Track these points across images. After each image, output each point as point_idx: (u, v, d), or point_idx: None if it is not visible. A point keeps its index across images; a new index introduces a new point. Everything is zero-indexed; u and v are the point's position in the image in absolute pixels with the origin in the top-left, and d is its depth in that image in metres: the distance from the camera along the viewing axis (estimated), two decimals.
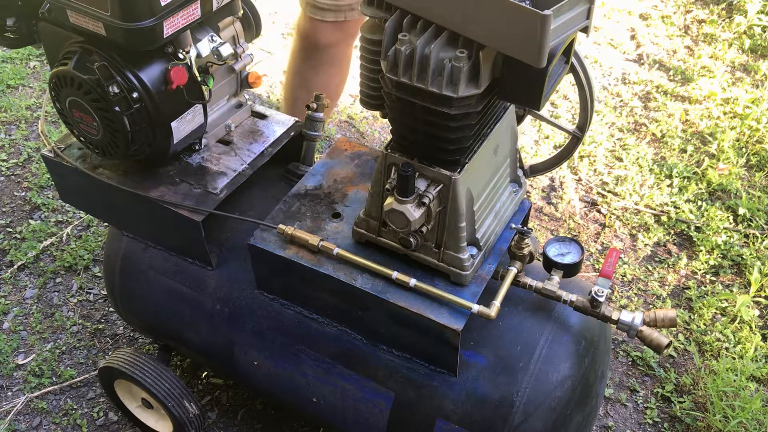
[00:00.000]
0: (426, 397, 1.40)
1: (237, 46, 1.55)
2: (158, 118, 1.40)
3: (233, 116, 1.65)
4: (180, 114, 1.43)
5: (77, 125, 1.45)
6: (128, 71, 1.35)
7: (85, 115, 1.40)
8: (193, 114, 1.46)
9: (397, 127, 1.23)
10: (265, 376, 1.58)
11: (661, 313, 1.34)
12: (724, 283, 2.40)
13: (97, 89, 1.34)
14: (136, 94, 1.35)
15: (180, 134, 1.46)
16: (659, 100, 3.13)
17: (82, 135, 1.47)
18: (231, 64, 1.56)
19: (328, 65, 2.20)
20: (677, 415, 2.04)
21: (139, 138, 1.41)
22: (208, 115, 1.55)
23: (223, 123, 1.63)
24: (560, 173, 2.76)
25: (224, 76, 1.58)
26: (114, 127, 1.38)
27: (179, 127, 1.44)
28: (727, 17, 3.65)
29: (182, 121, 1.44)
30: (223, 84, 1.59)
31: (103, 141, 1.43)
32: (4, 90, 2.98)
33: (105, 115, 1.37)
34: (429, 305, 1.30)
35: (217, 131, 1.62)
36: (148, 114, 1.38)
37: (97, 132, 1.41)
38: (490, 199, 1.36)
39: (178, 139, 1.47)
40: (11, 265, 2.30)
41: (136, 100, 1.36)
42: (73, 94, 1.38)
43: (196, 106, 1.46)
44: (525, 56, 1.02)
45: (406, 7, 1.10)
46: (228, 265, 1.58)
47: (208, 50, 1.45)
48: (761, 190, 2.73)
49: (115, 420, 1.95)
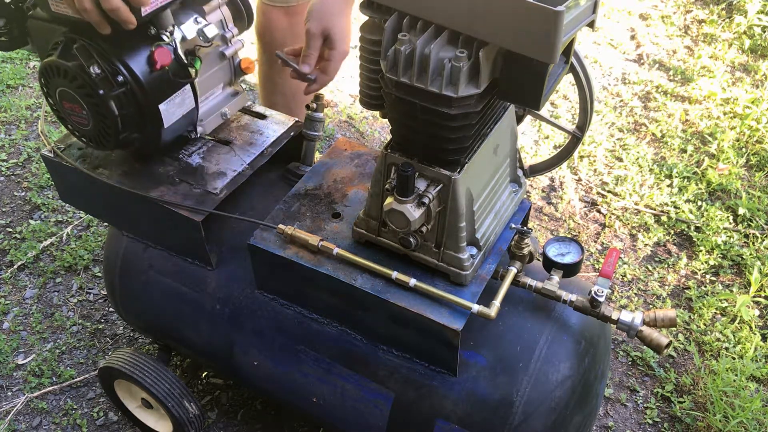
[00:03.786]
0: (426, 397, 1.40)
1: (225, 31, 1.54)
2: (145, 101, 1.39)
3: (229, 104, 1.63)
4: (168, 96, 1.42)
5: (69, 118, 1.45)
6: (112, 55, 1.34)
7: (74, 105, 1.40)
8: (182, 97, 1.45)
9: (397, 127, 1.23)
10: (265, 376, 1.58)
11: (661, 313, 1.34)
12: (724, 283, 2.40)
13: (81, 74, 1.34)
14: (121, 77, 1.35)
15: (170, 118, 1.45)
16: (659, 100, 3.13)
17: (74, 127, 1.47)
18: (221, 49, 1.54)
19: None
20: (677, 415, 2.04)
21: (129, 124, 1.40)
22: (203, 104, 1.54)
23: (218, 111, 1.61)
24: (560, 173, 2.76)
25: (216, 62, 1.56)
26: (102, 113, 1.37)
27: (168, 110, 1.43)
28: (727, 17, 3.65)
29: (171, 104, 1.43)
30: (215, 71, 1.57)
31: (94, 130, 1.42)
32: (4, 90, 2.98)
33: (91, 100, 1.36)
34: (429, 305, 1.30)
35: (212, 119, 1.60)
36: (135, 97, 1.38)
37: (87, 121, 1.41)
38: (490, 199, 1.36)
39: (169, 124, 1.45)
40: (11, 265, 2.30)
41: (122, 84, 1.35)
42: (60, 84, 1.38)
43: (185, 88, 1.45)
44: (538, 53, 1.02)
45: (407, 9, 1.10)
46: (228, 265, 1.58)
47: (194, 32, 1.44)
48: (761, 190, 2.73)
49: (115, 420, 1.95)
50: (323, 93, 1.65)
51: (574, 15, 1.03)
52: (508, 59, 1.09)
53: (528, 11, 0.98)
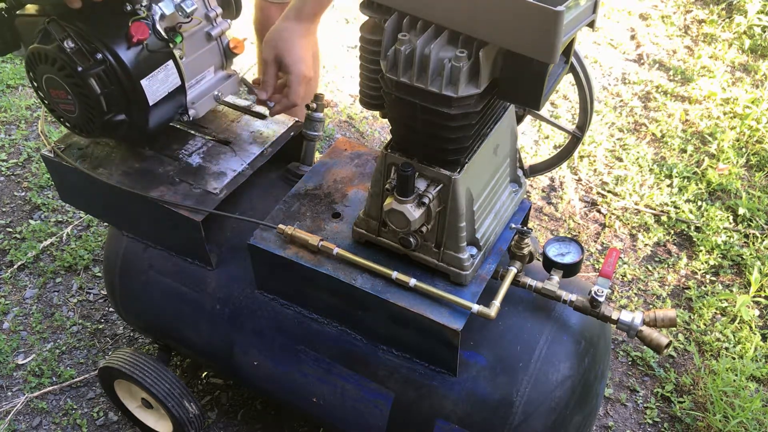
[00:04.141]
0: (426, 397, 1.40)
1: (208, 10, 1.54)
2: (126, 77, 1.39)
3: (221, 86, 1.63)
4: (149, 72, 1.42)
5: (58, 107, 1.46)
6: (90, 34, 1.35)
7: (60, 92, 1.41)
8: (165, 73, 1.45)
9: (397, 127, 1.23)
10: (265, 376, 1.58)
11: (661, 313, 1.34)
12: (724, 283, 2.40)
13: (59, 55, 1.35)
14: (100, 55, 1.36)
15: (155, 95, 1.45)
16: (659, 100, 3.13)
17: (63, 117, 1.48)
18: (206, 29, 1.54)
19: None
20: (677, 415, 2.04)
21: (114, 104, 1.41)
22: (195, 87, 1.54)
23: (211, 93, 1.61)
24: (560, 173, 2.76)
25: (202, 43, 1.56)
26: (84, 93, 1.38)
27: (151, 86, 1.43)
28: (727, 17, 3.65)
29: (154, 80, 1.43)
30: (203, 52, 1.56)
31: (80, 115, 1.43)
32: (4, 90, 2.98)
33: (72, 80, 1.37)
34: (429, 305, 1.30)
35: (205, 102, 1.60)
36: (115, 73, 1.38)
37: (74, 107, 1.42)
38: (490, 199, 1.36)
39: (154, 101, 1.45)
40: (11, 265, 2.31)
41: (101, 61, 1.36)
42: (45, 72, 1.39)
43: (167, 64, 1.45)
44: (538, 54, 1.02)
45: (407, 10, 1.10)
46: (228, 265, 1.58)
47: (172, 8, 1.44)
48: (761, 190, 2.73)
49: (115, 420, 1.95)
50: (323, 93, 1.65)
51: (574, 15, 1.03)
52: (508, 59, 1.09)
53: (528, 11, 0.98)
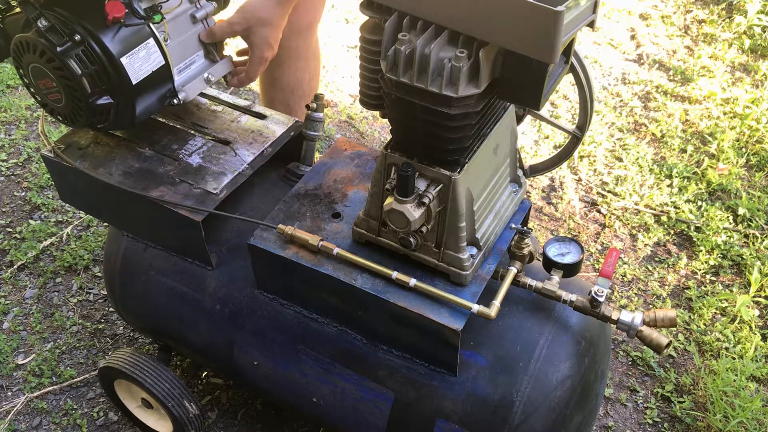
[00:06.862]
0: (426, 397, 1.40)
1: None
2: (105, 55, 1.40)
3: (211, 69, 1.63)
4: (129, 50, 1.43)
5: (47, 98, 1.47)
6: (68, 18, 1.37)
7: (46, 80, 1.42)
8: (146, 51, 1.45)
9: (397, 127, 1.23)
10: (265, 376, 1.58)
11: (661, 313, 1.34)
12: (724, 283, 2.40)
13: (38, 40, 1.36)
14: (78, 35, 1.37)
15: (137, 73, 1.45)
16: (659, 100, 3.13)
17: (54, 109, 1.48)
18: (190, 11, 1.54)
19: (294, 59, 2.19)
20: (677, 415, 2.04)
21: (96, 85, 1.42)
22: (184, 71, 1.55)
23: (200, 76, 1.61)
24: (560, 173, 2.76)
25: (188, 26, 1.56)
26: (66, 76, 1.39)
27: (133, 64, 1.44)
28: (727, 17, 3.65)
29: (134, 58, 1.44)
30: (190, 35, 1.57)
31: (67, 103, 1.44)
32: (4, 90, 2.98)
33: (53, 65, 1.38)
34: (429, 305, 1.30)
35: (195, 85, 1.60)
36: (95, 53, 1.39)
37: (60, 94, 1.43)
38: (490, 199, 1.36)
39: (137, 79, 1.45)
40: (11, 265, 2.31)
41: (79, 42, 1.38)
42: (29, 61, 1.41)
43: (148, 42, 1.45)
44: (538, 53, 1.02)
45: (407, 9, 1.10)
46: (228, 265, 1.58)
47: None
48: (761, 190, 2.73)
49: (115, 420, 1.95)
50: (323, 93, 1.65)
51: (574, 15, 1.03)
52: (508, 59, 1.09)
53: (528, 11, 0.98)
